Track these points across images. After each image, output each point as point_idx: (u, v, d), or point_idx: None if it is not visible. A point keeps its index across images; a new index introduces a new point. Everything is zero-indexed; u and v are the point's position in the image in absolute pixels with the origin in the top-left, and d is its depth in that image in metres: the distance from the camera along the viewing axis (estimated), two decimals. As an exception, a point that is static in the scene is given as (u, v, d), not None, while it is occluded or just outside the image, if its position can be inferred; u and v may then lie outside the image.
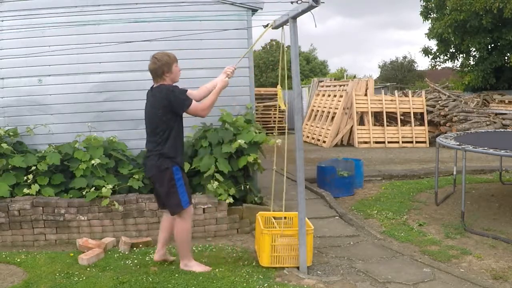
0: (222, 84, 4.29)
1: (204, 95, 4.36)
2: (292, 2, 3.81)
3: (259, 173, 6.19)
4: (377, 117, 14.61)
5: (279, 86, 4.65)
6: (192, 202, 4.34)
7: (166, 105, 3.97)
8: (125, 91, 6.21)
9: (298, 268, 4.28)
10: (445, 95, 16.29)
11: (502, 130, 11.38)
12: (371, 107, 14.19)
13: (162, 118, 4.00)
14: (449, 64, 22.14)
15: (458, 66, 21.27)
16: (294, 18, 4.06)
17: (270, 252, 4.30)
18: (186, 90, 4.23)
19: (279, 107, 4.72)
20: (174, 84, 4.14)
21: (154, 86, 4.14)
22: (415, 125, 14.17)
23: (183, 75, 6.35)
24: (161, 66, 4.05)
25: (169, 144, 4.02)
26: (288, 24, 4.14)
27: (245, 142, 5.62)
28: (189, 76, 6.33)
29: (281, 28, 4.37)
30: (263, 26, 4.47)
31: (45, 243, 5.25)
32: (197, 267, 4.22)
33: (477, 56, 19.44)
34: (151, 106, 4.08)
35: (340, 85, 15.27)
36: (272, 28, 4.45)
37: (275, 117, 18.17)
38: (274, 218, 4.85)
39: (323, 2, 3.69)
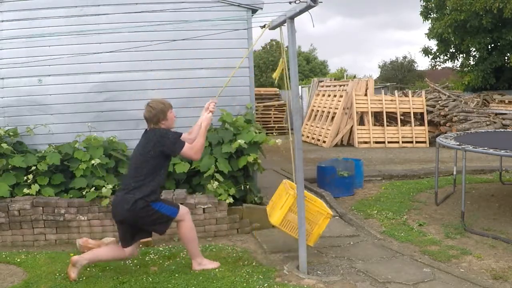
0: (206, 122, 4.26)
1: (195, 135, 4.33)
2: (290, 2, 3.81)
3: (259, 173, 6.19)
4: (377, 117, 14.61)
5: (281, 60, 4.49)
6: (179, 205, 4.33)
7: (159, 148, 3.99)
8: (125, 91, 6.21)
9: (297, 267, 4.28)
10: (445, 95, 16.29)
11: (502, 130, 11.38)
12: (371, 107, 14.19)
13: (150, 161, 4.00)
14: (449, 64, 22.16)
15: (458, 66, 21.28)
16: (292, 18, 4.06)
17: (286, 213, 4.31)
18: (180, 134, 4.23)
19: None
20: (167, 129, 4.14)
21: (148, 129, 4.16)
22: (415, 125, 14.17)
23: (183, 75, 6.41)
24: (156, 114, 4.07)
25: (145, 187, 3.96)
26: (285, 24, 4.13)
27: (245, 142, 5.62)
28: (189, 76, 6.36)
29: (280, 28, 4.37)
30: (260, 26, 4.47)
31: (45, 243, 5.25)
32: (209, 265, 4.28)
33: (477, 56, 19.45)
34: (142, 147, 4.09)
35: (340, 85, 15.27)
36: (270, 29, 4.45)
37: (275, 118, 18.19)
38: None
39: (321, 2, 3.68)
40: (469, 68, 20.04)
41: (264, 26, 4.44)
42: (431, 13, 20.17)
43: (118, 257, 4.20)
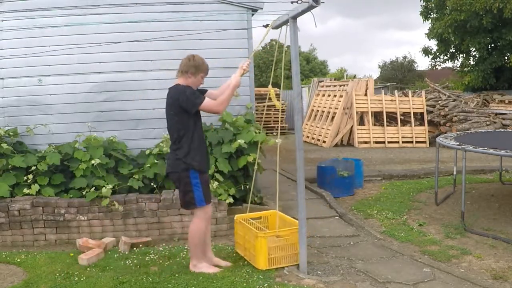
0: (235, 81, 4.25)
1: (228, 94, 4.31)
2: (292, 2, 3.81)
3: (259, 173, 6.19)
4: (377, 117, 14.61)
5: (270, 86, 4.60)
6: (212, 202, 4.32)
7: (178, 105, 3.99)
8: (125, 91, 6.21)
9: (297, 267, 4.28)
10: (445, 95, 16.29)
11: (502, 130, 11.37)
12: (371, 107, 14.19)
13: (174, 118, 4.03)
14: (449, 64, 22.19)
15: (458, 66, 21.28)
16: (294, 18, 4.06)
17: (267, 255, 4.27)
18: (205, 91, 4.27)
19: (274, 106, 4.72)
20: (187, 85, 4.11)
21: (172, 86, 4.15)
22: (415, 125, 14.17)
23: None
24: (192, 66, 4.11)
25: (184, 147, 4.01)
26: (288, 24, 4.13)
27: (245, 142, 5.62)
28: (189, 76, 6.34)
29: (280, 28, 4.37)
30: (263, 26, 4.47)
31: (45, 243, 5.25)
32: (206, 269, 4.21)
33: (477, 56, 19.44)
34: (166, 106, 4.11)
35: (340, 85, 15.27)
36: (272, 28, 4.45)
37: (275, 118, 18.17)
38: (252, 219, 4.81)
39: (323, 2, 3.69)
40: (469, 68, 20.03)
41: (267, 26, 4.45)
42: (431, 13, 20.17)
43: None
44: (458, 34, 18.40)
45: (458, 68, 21.30)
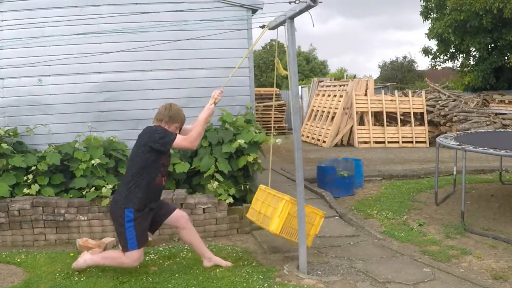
0: (207, 113, 4.21)
1: (200, 128, 4.21)
2: (290, 2, 3.81)
3: (259, 173, 6.19)
4: (377, 117, 14.61)
5: (276, 59, 4.52)
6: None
7: (149, 143, 3.94)
8: (125, 91, 6.21)
9: (298, 267, 4.28)
10: (445, 95, 16.29)
11: (502, 130, 11.37)
12: (371, 107, 14.19)
13: (140, 155, 3.97)
14: (449, 64, 22.18)
15: (458, 66, 21.28)
16: (292, 18, 4.05)
17: (284, 220, 4.26)
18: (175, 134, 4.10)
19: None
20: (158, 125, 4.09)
21: (146, 127, 4.15)
22: (415, 125, 14.17)
23: (184, 75, 6.41)
24: (166, 115, 4.07)
25: (132, 186, 3.94)
26: (285, 24, 4.13)
27: (245, 142, 5.62)
28: (189, 76, 6.37)
29: (277, 29, 4.36)
30: (260, 27, 4.47)
31: (45, 243, 5.25)
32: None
33: (477, 56, 19.45)
34: (136, 143, 4.09)
35: (340, 85, 15.27)
36: (270, 29, 4.45)
37: (275, 118, 18.17)
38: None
39: (321, 2, 3.68)
40: (469, 68, 20.04)
41: (263, 27, 4.44)
42: (431, 13, 20.18)
43: None
44: (458, 34, 18.40)
45: (458, 68, 21.31)
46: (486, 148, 5.59)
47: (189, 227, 4.34)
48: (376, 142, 13.86)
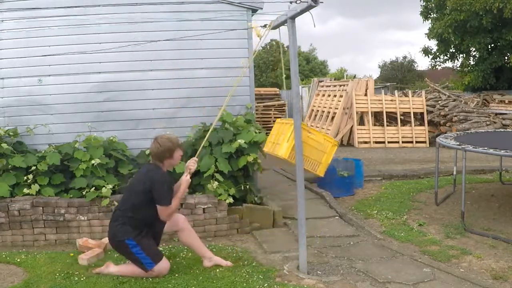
0: (184, 186, 4.20)
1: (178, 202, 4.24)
2: (291, 2, 3.81)
3: (259, 173, 6.19)
4: (377, 117, 14.61)
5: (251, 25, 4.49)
6: (162, 258, 4.13)
7: (152, 190, 3.96)
8: (125, 91, 6.21)
9: (298, 267, 4.27)
10: (445, 95, 16.29)
11: (502, 130, 11.38)
12: (371, 107, 14.19)
13: (140, 197, 4.00)
14: (449, 64, 22.18)
15: (458, 66, 21.29)
16: (293, 18, 4.05)
17: (293, 144, 4.12)
18: (172, 191, 4.15)
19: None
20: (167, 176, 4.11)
21: (151, 164, 4.14)
22: (415, 125, 14.17)
23: (183, 75, 6.41)
24: (163, 151, 4.05)
25: (125, 219, 4.00)
26: (286, 24, 4.13)
27: (245, 142, 5.62)
28: (189, 76, 6.37)
29: (279, 28, 4.37)
30: (261, 26, 4.47)
31: (45, 243, 5.25)
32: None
33: (477, 56, 19.45)
34: (137, 179, 4.10)
35: (340, 85, 15.27)
36: (271, 29, 4.45)
37: (275, 118, 18.17)
38: None
39: (322, 2, 3.68)
40: (469, 68, 20.04)
41: (265, 26, 4.44)
42: (431, 13, 20.18)
43: None
44: (458, 34, 18.41)
45: (458, 68, 21.32)
46: (486, 148, 5.59)
47: (188, 228, 4.35)
48: (376, 142, 13.86)
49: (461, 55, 20.56)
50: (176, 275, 4.12)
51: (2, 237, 5.20)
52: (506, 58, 17.81)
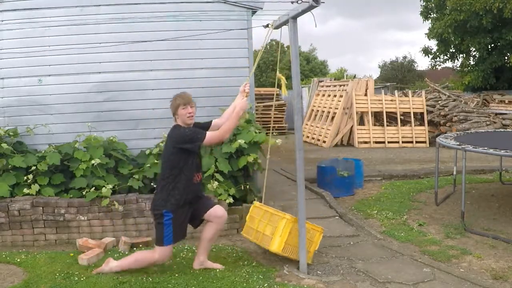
0: (240, 106, 4.22)
1: (233, 121, 4.27)
2: (292, 2, 3.81)
3: (259, 173, 6.19)
4: (377, 117, 14.61)
5: (279, 74, 4.55)
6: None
7: (178, 145, 4.01)
8: (125, 91, 6.21)
9: (298, 267, 4.28)
10: (445, 95, 16.28)
11: (502, 130, 11.38)
12: (371, 107, 14.19)
13: (171, 158, 4.04)
14: (449, 64, 22.19)
15: (458, 66, 21.29)
16: (294, 18, 4.06)
17: (285, 239, 4.22)
18: (209, 123, 4.26)
19: (277, 100, 4.70)
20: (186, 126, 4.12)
21: (173, 126, 4.19)
22: (415, 125, 14.16)
23: (183, 75, 6.41)
24: (171, 108, 4.15)
25: (168, 187, 4.03)
26: (288, 24, 4.13)
27: (245, 142, 5.62)
28: (189, 76, 6.37)
29: (281, 28, 4.37)
30: (263, 26, 4.48)
31: (45, 243, 5.25)
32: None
33: (477, 56, 19.45)
34: (167, 144, 4.15)
35: (340, 85, 15.27)
36: (273, 28, 4.46)
37: (275, 118, 18.17)
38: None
39: (323, 2, 3.69)
40: (469, 68, 20.04)
41: (267, 26, 4.45)
42: (431, 13, 20.18)
43: None
44: (458, 34, 18.40)
45: (458, 68, 21.31)
46: (486, 148, 5.59)
47: (219, 227, 4.35)
48: (376, 142, 13.86)
49: (461, 55, 20.56)
50: (176, 275, 4.12)
51: (2, 237, 5.21)
52: (506, 58, 17.80)
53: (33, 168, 5.47)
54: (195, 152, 4.10)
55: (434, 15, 19.96)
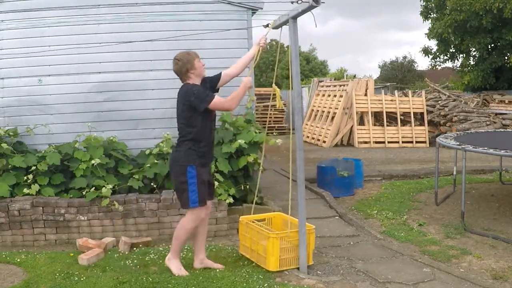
0: (245, 82, 4.21)
1: (240, 68, 4.42)
2: (292, 2, 3.81)
3: (259, 173, 6.18)
4: (377, 117, 14.61)
5: (274, 86, 4.62)
6: (207, 204, 4.26)
7: (187, 103, 4.02)
8: (125, 91, 6.21)
9: (298, 268, 4.28)
10: (445, 95, 16.29)
11: (502, 130, 11.38)
12: (371, 107, 14.19)
13: (183, 115, 4.07)
14: (449, 64, 22.19)
15: (458, 66, 21.30)
16: (294, 18, 4.06)
17: (278, 256, 4.21)
18: (218, 76, 4.34)
19: (274, 106, 4.73)
20: (196, 84, 4.13)
21: (182, 85, 4.19)
22: (415, 125, 14.17)
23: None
24: (184, 64, 4.09)
25: (188, 143, 4.06)
26: (288, 24, 4.13)
27: (245, 142, 5.62)
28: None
29: (281, 28, 4.38)
30: (263, 26, 4.48)
31: (45, 243, 5.25)
32: (174, 268, 4.18)
33: (477, 56, 19.46)
34: (177, 104, 4.15)
35: (340, 85, 15.27)
36: (272, 28, 4.46)
37: (275, 118, 18.16)
38: (256, 220, 4.77)
39: (323, 2, 3.69)
40: (469, 68, 20.05)
41: (267, 25, 4.46)
42: (431, 13, 20.19)
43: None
44: (458, 34, 18.42)
45: (458, 68, 21.33)
46: (486, 148, 5.59)
47: (207, 220, 4.41)
48: (376, 142, 13.86)
49: (461, 55, 20.57)
50: (176, 275, 4.11)
51: (2, 237, 5.21)
52: (506, 58, 17.81)
53: (33, 168, 5.47)
54: (205, 114, 4.04)
55: (434, 15, 19.97)
